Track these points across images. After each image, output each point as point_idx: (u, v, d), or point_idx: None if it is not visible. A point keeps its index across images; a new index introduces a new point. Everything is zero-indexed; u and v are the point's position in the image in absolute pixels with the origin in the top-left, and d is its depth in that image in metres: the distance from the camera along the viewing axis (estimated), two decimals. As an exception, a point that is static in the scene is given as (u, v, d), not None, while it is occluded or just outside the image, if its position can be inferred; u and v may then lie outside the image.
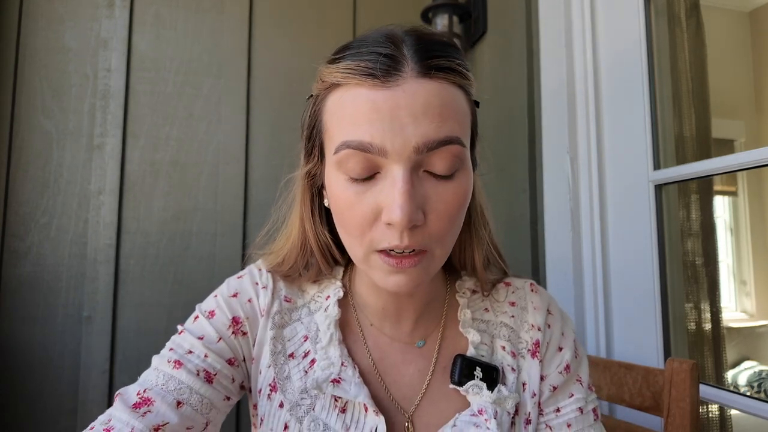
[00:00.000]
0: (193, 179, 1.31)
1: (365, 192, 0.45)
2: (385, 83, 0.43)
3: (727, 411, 0.94)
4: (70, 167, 1.24)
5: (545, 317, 0.58)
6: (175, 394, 0.48)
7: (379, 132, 0.43)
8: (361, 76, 0.44)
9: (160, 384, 0.48)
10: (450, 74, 0.45)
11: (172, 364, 0.50)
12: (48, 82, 1.25)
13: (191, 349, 0.51)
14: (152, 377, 0.49)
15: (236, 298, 0.55)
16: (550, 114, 1.08)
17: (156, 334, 1.24)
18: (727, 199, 1.14)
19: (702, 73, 1.00)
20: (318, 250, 0.55)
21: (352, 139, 0.44)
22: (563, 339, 0.58)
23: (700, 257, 0.96)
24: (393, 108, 0.43)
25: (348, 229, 0.47)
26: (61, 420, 1.17)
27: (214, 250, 1.30)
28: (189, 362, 0.50)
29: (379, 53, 0.44)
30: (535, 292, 0.60)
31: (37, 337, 1.18)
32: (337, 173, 0.46)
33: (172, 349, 0.51)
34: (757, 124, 1.12)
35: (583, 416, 0.55)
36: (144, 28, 1.32)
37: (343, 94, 0.46)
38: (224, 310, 0.54)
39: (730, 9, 1.17)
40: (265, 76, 1.38)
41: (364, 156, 0.44)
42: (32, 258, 1.20)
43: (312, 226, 0.55)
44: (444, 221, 0.45)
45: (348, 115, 0.45)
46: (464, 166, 0.47)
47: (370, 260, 0.47)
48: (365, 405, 0.51)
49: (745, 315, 1.19)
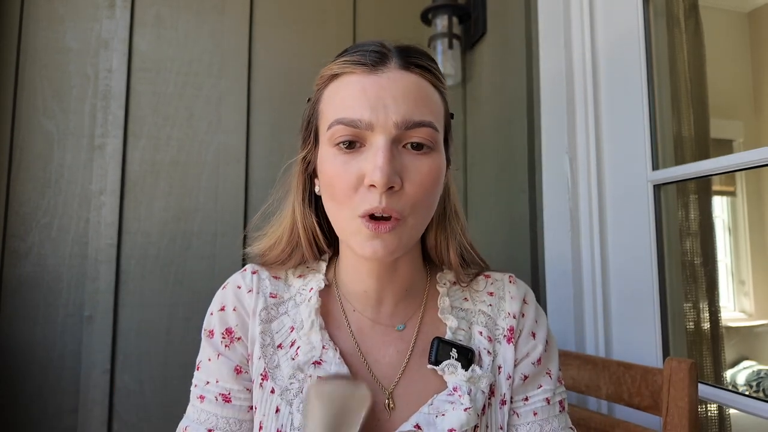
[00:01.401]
0: (194, 179, 1.31)
1: (351, 161, 0.52)
2: (373, 71, 0.53)
3: (726, 410, 0.94)
4: (71, 167, 1.25)
5: (521, 306, 0.62)
6: (206, 424, 0.57)
7: (366, 110, 0.51)
8: (354, 65, 0.54)
9: (195, 418, 0.57)
10: (426, 73, 0.55)
11: (199, 399, 0.58)
12: (49, 82, 1.26)
13: (207, 379, 0.59)
14: (191, 412, 0.59)
15: (224, 311, 0.61)
16: (549, 114, 1.08)
17: (157, 333, 1.24)
18: (725, 199, 1.15)
19: (701, 74, 1.01)
20: (304, 234, 0.61)
21: (344, 116, 0.52)
22: (536, 326, 0.62)
23: (699, 257, 0.97)
24: (378, 90, 0.52)
25: (335, 194, 0.53)
26: (62, 420, 1.17)
27: (214, 251, 1.30)
28: (209, 393, 0.58)
29: (369, 50, 0.54)
30: (513, 283, 0.64)
31: (37, 337, 1.19)
32: (328, 148, 0.54)
33: (196, 386, 0.59)
34: (755, 124, 1.12)
35: (550, 406, 0.60)
36: (145, 29, 1.32)
37: (339, 83, 0.55)
38: (217, 326, 0.60)
39: (729, 9, 1.17)
40: (265, 77, 1.39)
41: (353, 130, 0.52)
42: (33, 258, 1.21)
43: (301, 210, 0.61)
44: (418, 189, 0.52)
45: (341, 98, 0.54)
46: (438, 149, 0.54)
47: (353, 225, 0.52)
48: None
49: (743, 314, 1.19)
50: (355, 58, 0.54)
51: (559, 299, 1.04)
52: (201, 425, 0.56)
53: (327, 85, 0.57)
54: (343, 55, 0.56)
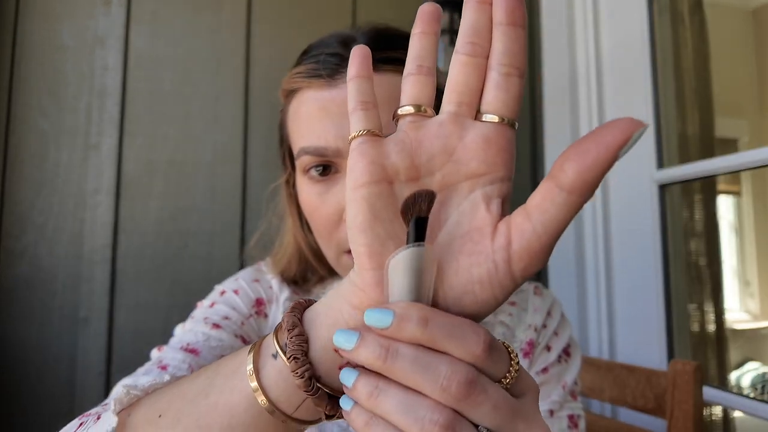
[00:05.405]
0: (191, 178, 1.30)
1: (326, 192, 0.46)
2: (331, 82, 0.44)
3: (731, 413, 0.93)
4: (66, 166, 1.23)
5: (544, 318, 0.58)
6: (218, 350, 0.47)
7: (331, 133, 0.44)
8: (309, 78, 0.46)
9: (201, 340, 0.48)
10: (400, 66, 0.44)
11: (210, 325, 0.49)
12: (44, 80, 1.24)
13: (227, 315, 0.51)
14: (189, 337, 0.48)
15: (258, 283, 0.56)
16: (552, 113, 1.07)
17: (153, 335, 1.23)
18: (730, 199, 1.14)
19: (705, 72, 1.00)
20: (314, 258, 0.56)
21: (308, 144, 0.45)
22: (554, 338, 0.57)
23: (704, 258, 0.96)
24: (340, 105, 0.44)
25: (317, 230, 0.48)
26: (57, 422, 1.15)
27: (211, 250, 1.29)
28: (227, 326, 0.50)
29: (327, 53, 0.46)
30: (539, 294, 0.59)
31: (32, 339, 1.17)
32: (302, 178, 0.48)
33: (206, 318, 0.51)
34: (760, 122, 1.11)
35: (553, 419, 0.54)
36: (141, 26, 1.31)
37: (299, 100, 0.47)
38: (248, 291, 0.55)
39: (733, 7, 1.16)
40: (263, 75, 1.37)
41: (322, 159, 0.45)
42: (28, 258, 1.19)
43: (303, 235, 0.56)
44: None
45: (302, 120, 0.46)
46: None
47: (341, 262, 0.47)
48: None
49: (748, 316, 1.18)
50: (310, 68, 0.46)
51: (562, 301, 1.02)
52: (212, 350, 0.48)
53: (289, 100, 0.50)
54: (301, 62, 0.48)
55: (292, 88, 0.48)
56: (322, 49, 0.47)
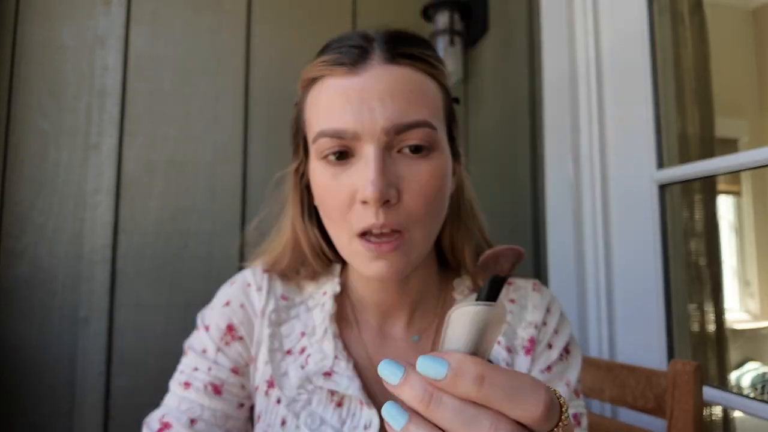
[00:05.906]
0: (191, 179, 1.30)
1: (341, 174, 0.47)
2: (354, 70, 0.47)
3: (731, 413, 0.93)
4: (66, 166, 1.23)
5: (543, 315, 0.57)
6: (189, 413, 0.51)
7: (350, 117, 0.46)
8: (333, 66, 0.48)
9: (175, 406, 0.52)
10: (416, 62, 0.48)
11: (182, 386, 0.53)
12: (44, 80, 1.24)
13: (196, 366, 0.54)
14: (170, 401, 0.53)
15: (228, 306, 0.57)
16: (552, 113, 1.07)
17: (153, 334, 1.22)
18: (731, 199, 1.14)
19: (705, 72, 0.99)
20: (310, 250, 0.57)
21: (327, 127, 0.47)
22: (555, 336, 0.57)
23: (704, 258, 0.96)
24: (361, 92, 0.46)
25: (329, 213, 0.49)
26: (57, 422, 1.16)
27: (211, 250, 1.28)
28: (196, 380, 0.53)
29: (349, 45, 0.49)
30: (538, 291, 0.59)
31: (33, 339, 1.17)
32: (317, 161, 0.49)
33: (182, 372, 0.55)
34: (760, 122, 1.11)
35: None
36: (141, 26, 1.31)
37: (319, 87, 0.49)
38: (218, 321, 0.56)
39: (733, 7, 1.16)
40: (263, 74, 1.37)
41: (339, 142, 0.46)
42: (28, 258, 1.19)
43: (302, 225, 0.56)
44: (419, 199, 0.46)
45: (323, 106, 0.48)
46: (438, 148, 0.48)
47: (352, 246, 0.48)
48: (361, 400, 0.51)
49: (748, 316, 1.18)
50: (334, 57, 0.48)
51: (562, 301, 1.02)
52: (183, 414, 0.51)
53: (308, 89, 0.52)
54: (322, 53, 0.51)
55: (314, 77, 0.50)
56: (344, 41, 0.50)
